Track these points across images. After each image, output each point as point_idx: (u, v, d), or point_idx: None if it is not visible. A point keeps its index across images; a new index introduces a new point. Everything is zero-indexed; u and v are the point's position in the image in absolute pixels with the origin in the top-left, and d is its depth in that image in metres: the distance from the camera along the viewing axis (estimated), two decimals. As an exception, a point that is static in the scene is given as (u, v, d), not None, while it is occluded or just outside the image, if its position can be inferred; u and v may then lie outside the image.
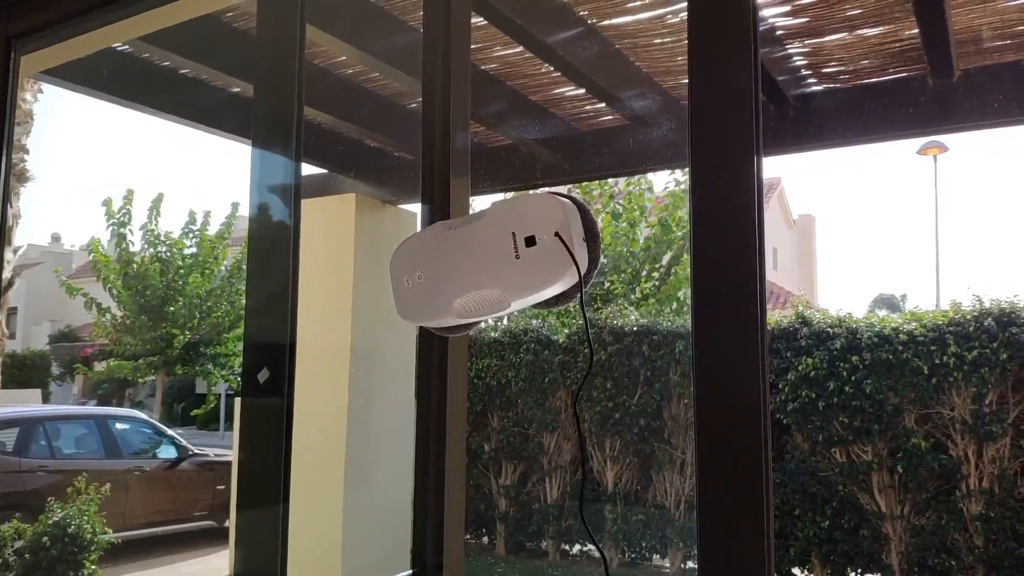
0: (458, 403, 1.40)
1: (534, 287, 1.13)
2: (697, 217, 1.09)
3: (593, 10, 3.23)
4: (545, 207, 1.13)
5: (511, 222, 1.15)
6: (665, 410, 7.37)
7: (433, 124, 1.34)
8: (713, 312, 1.05)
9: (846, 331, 6.66)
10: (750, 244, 1.04)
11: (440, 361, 1.40)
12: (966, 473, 6.13)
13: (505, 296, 1.16)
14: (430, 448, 1.40)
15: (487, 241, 1.17)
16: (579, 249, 1.12)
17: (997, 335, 6.10)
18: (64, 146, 43.18)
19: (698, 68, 1.12)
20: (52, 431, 8.76)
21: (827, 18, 3.26)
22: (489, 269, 1.17)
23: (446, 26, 1.40)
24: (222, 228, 16.92)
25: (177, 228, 18.10)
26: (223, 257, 16.68)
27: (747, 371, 1.01)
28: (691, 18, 1.14)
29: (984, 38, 3.42)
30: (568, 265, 1.11)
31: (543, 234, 1.12)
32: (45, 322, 26.36)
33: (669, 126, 4.11)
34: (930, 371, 6.25)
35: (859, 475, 6.47)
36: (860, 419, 6.45)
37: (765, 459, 1.01)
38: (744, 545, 0.97)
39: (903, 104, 3.67)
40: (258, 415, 1.75)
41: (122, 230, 16.15)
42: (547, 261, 1.12)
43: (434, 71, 1.37)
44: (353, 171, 5.23)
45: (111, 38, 2.18)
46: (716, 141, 1.10)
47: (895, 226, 55.95)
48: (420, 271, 1.25)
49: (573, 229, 1.12)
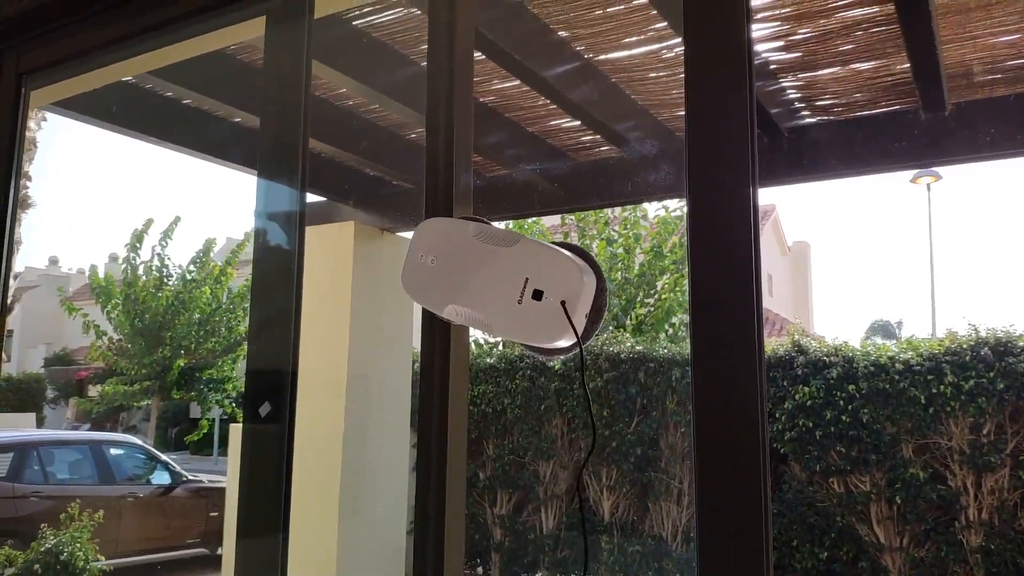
0: (458, 431, 1.42)
1: (521, 336, 1.18)
2: (695, 246, 1.11)
3: (590, 46, 3.28)
4: (565, 270, 1.15)
5: (529, 268, 1.17)
6: (662, 439, 7.35)
7: (437, 163, 1.37)
8: (711, 340, 1.07)
9: (842, 360, 6.67)
10: (747, 273, 1.06)
11: (441, 386, 1.41)
12: (965, 504, 6.12)
13: (494, 329, 1.20)
14: (430, 476, 1.41)
15: (502, 273, 1.20)
16: (579, 323, 1.14)
17: (994, 364, 6.12)
18: (63, 170, 43.30)
19: (695, 102, 1.16)
20: (46, 456, 8.71)
21: (820, 53, 3.32)
22: (491, 299, 1.19)
23: (449, 64, 1.44)
24: (228, 255, 16.92)
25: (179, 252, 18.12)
26: (227, 281, 16.66)
27: (746, 399, 1.03)
28: (688, 54, 1.18)
29: (975, 72, 3.48)
30: (560, 335, 1.14)
31: (551, 295, 1.14)
32: (41, 345, 26.27)
33: (664, 157, 4.16)
34: (927, 400, 6.26)
35: (857, 506, 6.45)
36: (858, 449, 6.45)
37: (764, 490, 1.02)
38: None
39: (896, 137, 3.72)
40: (258, 443, 1.76)
41: (132, 254, 16.22)
42: (543, 321, 1.14)
43: (437, 111, 1.41)
44: (352, 199, 5.27)
45: (120, 73, 2.22)
46: (713, 172, 1.13)
47: (889, 252, 56.15)
48: (436, 256, 1.27)
49: (582, 301, 1.15)
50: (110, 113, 3.48)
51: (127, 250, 16.25)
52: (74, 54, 1.98)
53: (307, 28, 1.74)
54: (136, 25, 1.90)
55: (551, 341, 1.15)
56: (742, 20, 1.14)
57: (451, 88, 1.42)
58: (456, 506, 1.41)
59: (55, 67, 2.04)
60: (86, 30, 1.98)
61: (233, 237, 19.64)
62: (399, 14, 3.06)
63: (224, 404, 17.11)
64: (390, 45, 3.28)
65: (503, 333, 1.20)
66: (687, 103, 1.17)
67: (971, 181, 68.79)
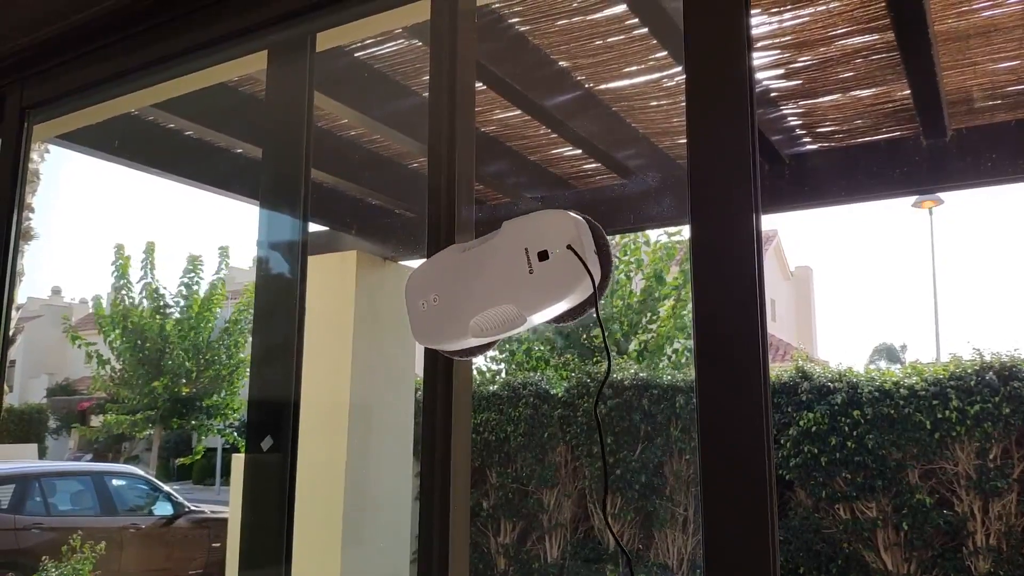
0: (461, 459, 1.40)
1: (549, 300, 1.15)
2: (698, 273, 1.11)
3: (591, 75, 3.31)
4: (557, 222, 1.16)
5: (524, 239, 1.17)
6: (667, 466, 7.30)
7: (439, 197, 1.37)
8: (716, 366, 1.07)
9: (847, 385, 6.65)
10: (751, 299, 1.06)
11: (444, 414, 1.40)
12: (972, 530, 6.06)
13: (521, 312, 1.17)
14: (434, 505, 1.40)
15: (501, 259, 1.19)
16: (591, 261, 1.14)
17: (999, 389, 6.09)
18: (65, 199, 43.54)
19: (696, 129, 1.16)
20: (48, 487, 8.67)
21: (820, 80, 3.34)
22: (504, 286, 1.18)
23: (451, 98, 1.45)
24: (216, 281, 16.90)
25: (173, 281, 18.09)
26: (219, 304, 16.62)
27: (751, 425, 1.02)
28: (689, 82, 1.18)
29: (975, 99, 3.49)
30: (582, 276, 1.13)
31: (556, 248, 1.14)
32: (43, 375, 26.24)
33: (666, 185, 4.18)
34: (932, 426, 6.22)
35: (864, 532, 6.39)
36: (863, 475, 6.40)
37: (771, 517, 1.01)
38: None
39: (897, 163, 3.73)
40: (260, 474, 1.75)
41: (122, 282, 16.20)
42: (561, 273, 1.14)
43: (439, 145, 1.41)
44: (354, 228, 5.28)
45: (123, 107, 2.23)
46: (715, 199, 1.13)
47: (892, 276, 56.16)
48: (435, 294, 1.26)
49: (585, 242, 1.15)
50: (112, 145, 3.50)
51: (115, 278, 16.24)
52: (77, 89, 2.00)
53: (309, 63, 1.75)
54: (139, 60, 1.91)
55: (576, 286, 1.14)
56: (743, 48, 1.15)
57: (453, 122, 1.42)
58: (460, 535, 1.40)
59: (58, 101, 2.05)
60: (89, 65, 2.00)
61: (236, 266, 19.66)
62: (400, 45, 3.08)
63: (226, 433, 17.04)
64: (391, 76, 3.31)
65: (532, 309, 1.17)
66: (689, 131, 1.17)
67: (973, 205, 68.96)
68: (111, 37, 1.93)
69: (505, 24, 2.90)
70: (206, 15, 1.81)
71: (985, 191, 12.00)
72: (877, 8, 2.75)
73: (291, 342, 1.73)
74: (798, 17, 2.87)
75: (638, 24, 2.86)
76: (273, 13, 1.72)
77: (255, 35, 1.78)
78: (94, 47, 1.96)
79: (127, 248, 16.58)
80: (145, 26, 1.88)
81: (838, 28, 2.92)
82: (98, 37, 1.94)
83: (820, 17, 2.86)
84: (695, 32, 1.19)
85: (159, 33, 1.88)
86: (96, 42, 1.95)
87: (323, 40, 1.79)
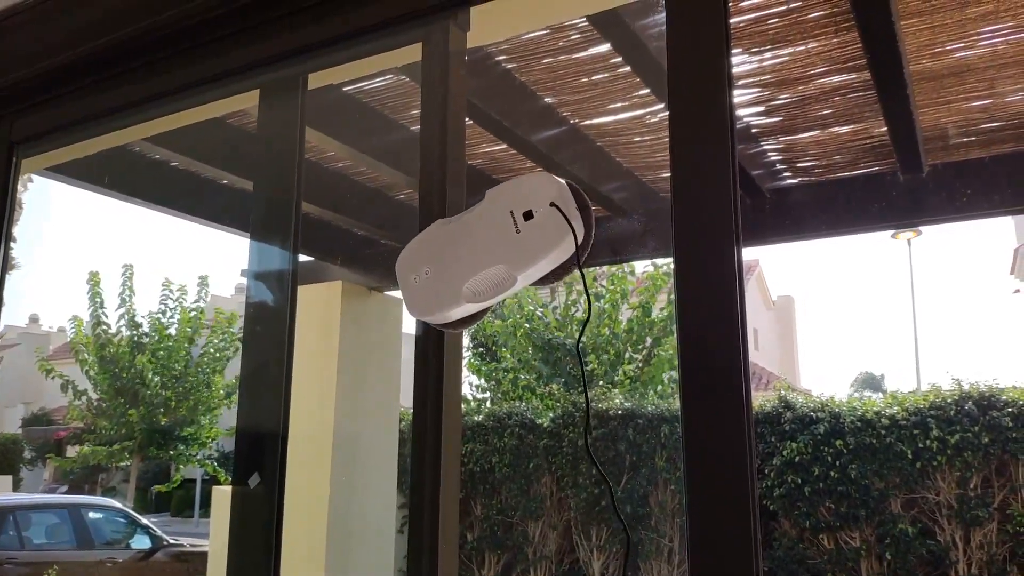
0: (450, 491, 1.41)
1: (537, 256, 1.20)
2: (682, 305, 1.14)
3: (575, 111, 3.36)
4: (539, 182, 1.22)
5: (509, 202, 1.23)
6: (652, 496, 7.29)
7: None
8: (701, 396, 1.09)
9: (829, 415, 6.69)
10: (733, 329, 1.09)
11: (433, 445, 1.41)
12: (955, 559, 6.09)
13: (511, 272, 1.21)
14: (423, 538, 1.40)
15: (488, 223, 1.24)
16: (574, 218, 1.20)
17: (978, 418, 6.16)
18: (46, 227, 43.22)
19: (679, 164, 1.20)
20: (23, 520, 8.50)
21: (800, 117, 3.41)
22: (493, 248, 1.23)
23: (442, 136, 1.48)
24: (195, 312, 16.76)
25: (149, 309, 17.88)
26: (198, 334, 16.47)
27: (734, 454, 1.05)
28: (673, 119, 1.22)
29: (950, 135, 3.57)
30: (566, 231, 1.18)
31: (539, 206, 1.20)
32: (19, 404, 25.81)
33: (650, 217, 4.23)
34: (914, 455, 6.27)
35: (848, 562, 6.40)
36: (847, 504, 6.43)
37: (755, 547, 1.03)
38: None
39: (875, 198, 3.80)
40: (247, 508, 1.75)
41: (101, 311, 16.03)
42: (547, 229, 1.19)
43: (431, 181, 1.45)
44: (340, 258, 5.29)
45: (112, 141, 2.25)
46: (698, 232, 1.16)
47: (872, 305, 56.63)
48: (426, 267, 1.30)
49: (565, 198, 1.20)
50: (100, 178, 3.51)
51: (92, 306, 16.04)
52: (66, 124, 2.01)
53: (301, 101, 1.78)
54: (130, 97, 1.93)
55: (561, 241, 1.18)
56: (724, 86, 1.19)
57: (444, 161, 1.46)
58: (448, 568, 1.40)
59: (47, 136, 2.06)
60: (79, 100, 2.01)
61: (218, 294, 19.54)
62: (388, 81, 3.13)
63: (205, 463, 16.81)
64: (379, 110, 3.35)
65: (521, 267, 1.21)
66: (672, 166, 1.21)
67: (951, 235, 69.87)
68: (103, 73, 1.94)
69: (492, 62, 2.96)
70: (198, 54, 1.83)
71: (962, 225, 12.18)
72: (854, 49, 2.83)
73: (280, 374, 1.73)
74: (778, 57, 2.94)
75: (622, 63, 2.92)
76: (265, 54, 1.75)
77: (247, 74, 1.80)
78: (85, 83, 1.97)
79: (104, 275, 16.43)
80: (137, 63, 1.90)
81: (816, 67, 3.00)
82: (89, 73, 1.96)
83: (799, 57, 2.93)
84: (678, 71, 1.23)
85: (152, 70, 1.90)
86: (87, 78, 1.96)
87: (315, 79, 1.82)
